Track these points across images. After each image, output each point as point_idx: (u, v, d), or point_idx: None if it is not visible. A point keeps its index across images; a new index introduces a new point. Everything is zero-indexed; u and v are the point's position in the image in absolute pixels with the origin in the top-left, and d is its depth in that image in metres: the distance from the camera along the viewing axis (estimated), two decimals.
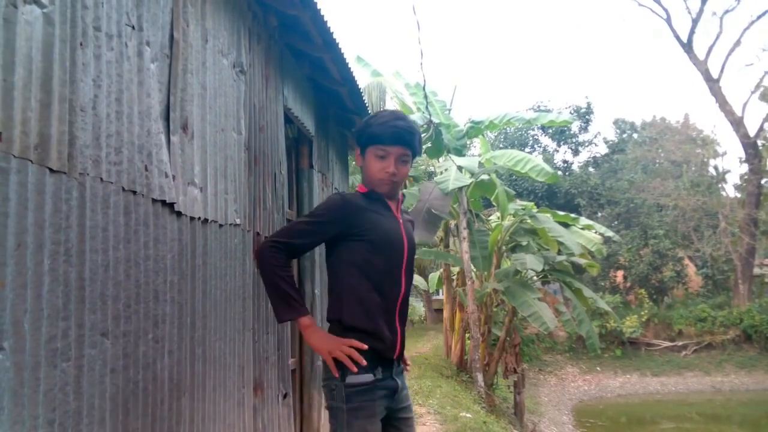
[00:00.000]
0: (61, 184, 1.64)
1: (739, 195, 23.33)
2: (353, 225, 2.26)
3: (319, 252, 4.93)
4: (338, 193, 2.43)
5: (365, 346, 2.20)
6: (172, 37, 2.41)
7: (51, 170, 1.60)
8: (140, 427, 2.04)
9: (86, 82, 1.79)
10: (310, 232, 2.29)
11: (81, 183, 1.74)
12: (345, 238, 2.27)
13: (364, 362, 2.20)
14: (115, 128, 1.94)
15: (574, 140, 26.13)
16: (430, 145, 9.89)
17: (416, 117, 9.96)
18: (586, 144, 26.61)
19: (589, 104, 25.99)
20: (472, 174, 10.06)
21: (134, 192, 2.05)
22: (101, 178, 1.85)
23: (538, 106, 25.10)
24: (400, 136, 2.27)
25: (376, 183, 2.32)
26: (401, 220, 2.40)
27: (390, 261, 2.30)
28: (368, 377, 2.22)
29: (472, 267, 10.62)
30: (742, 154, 21.96)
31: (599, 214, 23.19)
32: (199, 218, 2.59)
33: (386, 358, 2.28)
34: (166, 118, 2.34)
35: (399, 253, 2.33)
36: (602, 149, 26.73)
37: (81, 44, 1.76)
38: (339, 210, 2.27)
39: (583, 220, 12.15)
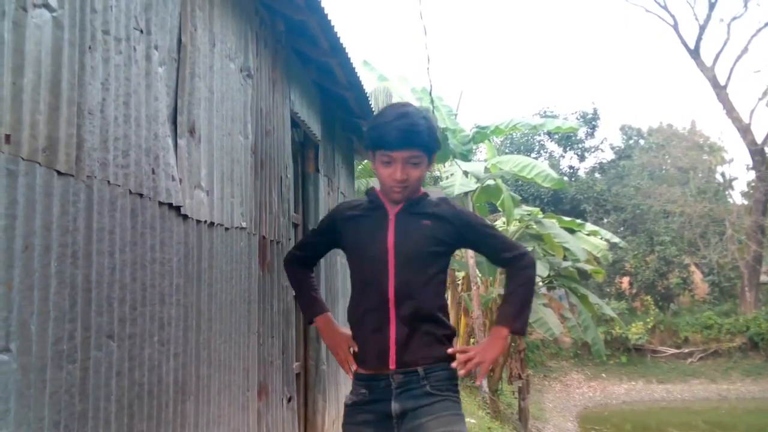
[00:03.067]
0: (68, 187, 1.65)
1: (746, 202, 23.24)
2: (337, 235, 2.24)
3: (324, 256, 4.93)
4: (340, 203, 2.46)
5: (354, 347, 2.15)
6: (180, 41, 2.42)
7: (59, 173, 1.61)
8: (145, 429, 2.04)
9: (94, 86, 1.79)
10: (310, 244, 2.43)
11: (88, 186, 1.75)
12: (342, 248, 2.29)
13: (351, 369, 2.16)
14: (122, 131, 1.95)
15: (580, 146, 26.06)
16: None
17: None
18: (593, 150, 26.54)
19: (595, 110, 25.92)
20: (478, 179, 10.05)
21: (141, 195, 2.05)
22: (108, 181, 1.85)
23: (545, 112, 25.06)
24: (403, 138, 2.03)
25: (388, 191, 2.13)
26: (394, 218, 2.14)
27: (369, 266, 2.12)
28: (352, 398, 2.10)
29: (477, 272, 10.61)
30: (749, 161, 21.88)
31: (605, 220, 23.11)
32: (206, 221, 2.60)
33: (372, 375, 2.07)
34: (174, 122, 2.35)
35: (380, 256, 2.09)
36: (608, 155, 26.66)
37: (90, 48, 1.77)
38: (326, 221, 2.33)
39: (589, 226, 12.14)
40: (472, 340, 11.70)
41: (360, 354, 2.12)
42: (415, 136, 2.04)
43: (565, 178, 20.17)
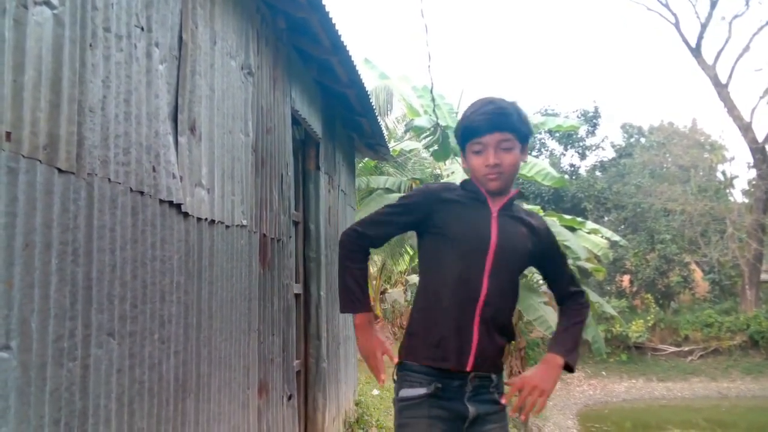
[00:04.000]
0: (69, 185, 1.65)
1: (746, 200, 23.21)
2: (430, 215, 2.05)
3: (325, 254, 4.93)
4: (427, 183, 2.28)
5: (395, 359, 2.05)
6: (180, 38, 2.41)
7: (59, 170, 1.61)
8: (146, 427, 2.04)
9: (95, 83, 1.79)
10: (386, 222, 2.13)
11: (89, 183, 1.75)
12: (425, 230, 2.09)
13: (382, 378, 2.01)
14: (123, 129, 1.95)
15: (581, 144, 26.04)
16: (437, 147, 9.89)
17: (424, 120, 9.97)
18: (594, 148, 26.51)
19: (596, 108, 25.89)
20: None
21: (142, 193, 2.05)
22: (109, 179, 1.85)
23: (546, 110, 25.04)
24: (490, 121, 1.97)
25: (483, 181, 2.02)
26: (497, 216, 2.04)
27: (466, 259, 1.99)
28: (419, 391, 1.96)
29: None
30: (750, 160, 21.85)
31: (606, 219, 23.10)
32: (206, 219, 2.60)
33: (448, 370, 1.97)
34: (174, 120, 2.35)
35: (480, 251, 1.99)
36: (609, 153, 26.63)
37: (90, 45, 1.77)
38: (417, 198, 2.11)
39: (590, 224, 12.12)
40: None
41: (433, 348, 1.97)
42: (504, 118, 1.99)
43: (566, 176, 20.16)
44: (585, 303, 2.19)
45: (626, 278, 22.93)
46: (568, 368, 2.09)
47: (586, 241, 11.25)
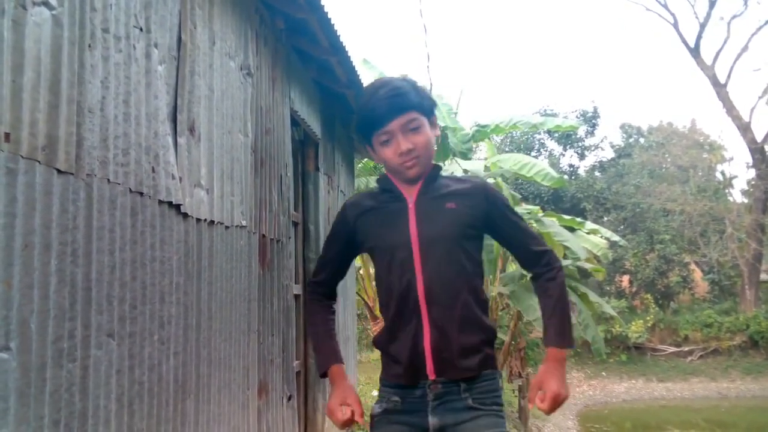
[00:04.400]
0: (68, 185, 1.65)
1: (746, 200, 23.23)
2: (353, 235, 1.96)
3: None
4: (346, 200, 2.12)
5: (360, 419, 1.85)
6: (179, 39, 2.41)
7: (58, 171, 1.61)
8: (145, 428, 2.04)
9: (94, 84, 1.79)
10: (327, 260, 2.05)
11: (88, 184, 1.75)
12: (361, 250, 2.02)
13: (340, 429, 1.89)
14: (122, 130, 1.95)
15: (580, 144, 26.05)
16: (435, 148, 9.87)
17: None
18: (593, 148, 26.52)
19: (595, 108, 25.88)
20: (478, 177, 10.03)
21: (141, 193, 2.05)
22: (108, 180, 1.85)
23: (545, 110, 25.05)
24: (390, 106, 1.81)
25: (400, 171, 1.87)
26: (414, 206, 1.88)
27: (396, 264, 1.86)
28: (381, 407, 1.88)
29: None
30: (749, 160, 21.86)
31: (605, 219, 23.10)
32: (206, 220, 2.60)
33: (408, 382, 1.84)
34: (173, 120, 2.34)
35: (405, 251, 1.84)
36: (608, 153, 26.64)
37: (89, 46, 1.77)
38: (337, 222, 2.03)
39: (589, 225, 12.11)
40: None
41: (393, 364, 1.88)
42: (402, 98, 1.83)
43: (565, 177, 20.16)
44: (556, 266, 1.93)
45: (626, 278, 22.94)
46: (571, 347, 1.94)
47: (586, 242, 11.25)
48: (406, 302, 1.83)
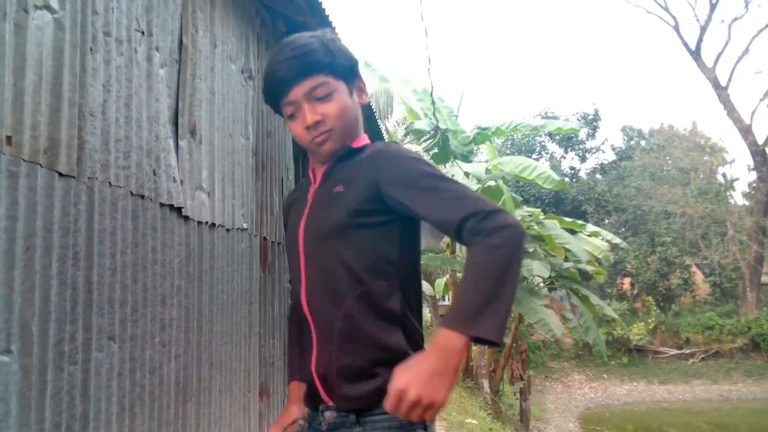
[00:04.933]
0: (69, 188, 1.65)
1: (747, 203, 23.23)
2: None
3: None
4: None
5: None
6: (181, 42, 2.42)
7: (60, 174, 1.61)
8: (146, 430, 2.04)
9: (96, 87, 1.80)
10: (289, 262, 1.66)
11: (89, 187, 1.75)
12: None
13: None
14: (123, 133, 1.95)
15: (581, 147, 26.07)
16: (437, 150, 9.89)
17: (423, 123, 9.98)
18: (594, 151, 26.54)
19: (596, 111, 25.93)
20: (479, 180, 10.05)
21: (142, 196, 2.06)
22: (110, 183, 1.85)
23: (546, 113, 25.07)
24: (292, 68, 1.46)
25: (312, 150, 1.53)
26: (314, 191, 1.56)
27: (291, 267, 1.56)
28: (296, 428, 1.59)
29: None
30: (751, 162, 21.86)
31: (606, 221, 23.11)
32: (207, 223, 2.60)
33: (308, 405, 1.54)
34: (175, 123, 2.35)
35: (293, 248, 1.54)
36: (610, 156, 26.67)
37: (91, 49, 1.77)
38: (283, 221, 1.76)
39: (590, 227, 12.13)
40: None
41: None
42: (305, 58, 1.46)
43: (566, 179, 20.18)
44: (489, 226, 1.27)
45: (627, 281, 22.94)
46: (488, 342, 1.23)
47: (587, 244, 11.26)
48: (302, 313, 1.50)
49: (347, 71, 1.52)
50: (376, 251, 1.42)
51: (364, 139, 1.57)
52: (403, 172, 1.39)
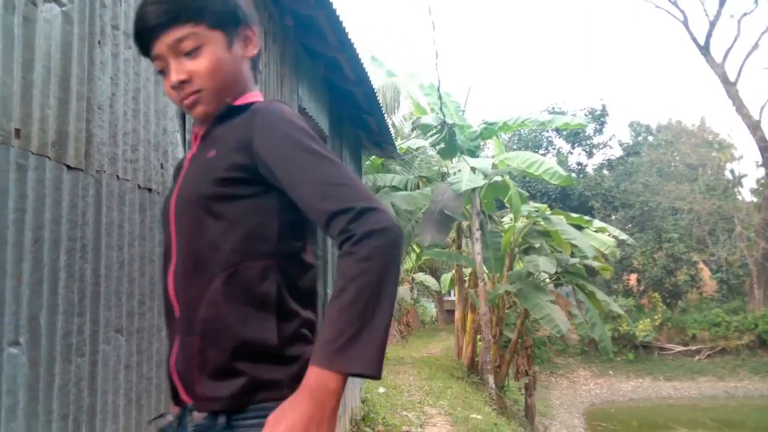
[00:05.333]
0: (77, 181, 1.66)
1: (755, 199, 23.11)
2: None
3: (331, 252, 4.94)
4: None
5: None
6: None
7: (68, 167, 1.62)
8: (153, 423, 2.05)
9: (104, 80, 1.80)
10: None
11: (97, 180, 1.75)
12: None
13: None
14: (131, 126, 1.95)
15: (588, 142, 26.00)
16: (443, 145, 9.88)
17: (430, 118, 9.96)
18: (601, 146, 26.47)
19: (604, 106, 25.84)
20: (486, 175, 10.03)
21: (150, 190, 2.06)
22: (117, 176, 1.86)
23: (553, 108, 25.01)
24: (153, 15, 1.24)
25: (187, 112, 1.32)
26: (190, 158, 1.34)
27: (165, 240, 1.31)
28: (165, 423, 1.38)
29: (485, 268, 10.60)
30: (759, 158, 21.75)
31: (613, 217, 23.05)
32: None
33: (175, 404, 1.32)
34: (182, 117, 2.35)
35: (165, 221, 1.30)
36: (617, 152, 26.60)
37: (99, 42, 1.78)
38: None
39: (597, 223, 12.11)
40: (478, 337, 11.69)
41: None
42: (170, 2, 1.23)
43: (573, 175, 20.13)
44: (364, 232, 1.07)
45: (633, 277, 22.89)
46: (365, 377, 1.06)
47: (594, 240, 11.24)
48: (167, 298, 1.27)
49: (225, 18, 1.27)
50: (248, 227, 1.19)
51: (252, 96, 1.34)
52: (278, 141, 1.17)
